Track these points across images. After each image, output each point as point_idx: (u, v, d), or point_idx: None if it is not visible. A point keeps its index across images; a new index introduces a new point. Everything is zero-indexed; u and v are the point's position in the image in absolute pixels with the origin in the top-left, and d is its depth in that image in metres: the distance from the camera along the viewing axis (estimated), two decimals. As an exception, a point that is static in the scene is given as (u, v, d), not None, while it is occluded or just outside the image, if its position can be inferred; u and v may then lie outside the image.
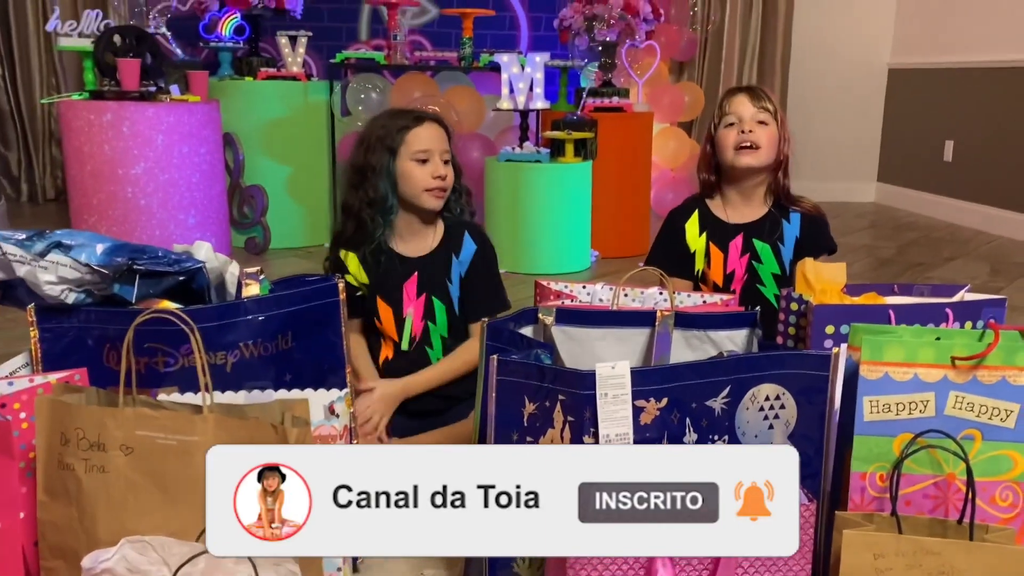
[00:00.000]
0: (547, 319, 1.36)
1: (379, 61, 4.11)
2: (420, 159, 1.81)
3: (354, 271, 1.89)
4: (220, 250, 4.23)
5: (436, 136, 1.84)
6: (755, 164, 1.91)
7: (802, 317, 1.44)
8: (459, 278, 1.91)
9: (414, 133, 1.82)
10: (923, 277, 3.74)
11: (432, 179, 1.82)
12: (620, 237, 4.11)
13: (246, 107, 4.06)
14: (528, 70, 3.73)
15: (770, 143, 1.91)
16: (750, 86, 1.98)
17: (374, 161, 1.82)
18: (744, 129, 1.89)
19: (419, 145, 1.82)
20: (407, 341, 1.90)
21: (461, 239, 1.92)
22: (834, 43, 5.92)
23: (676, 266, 1.99)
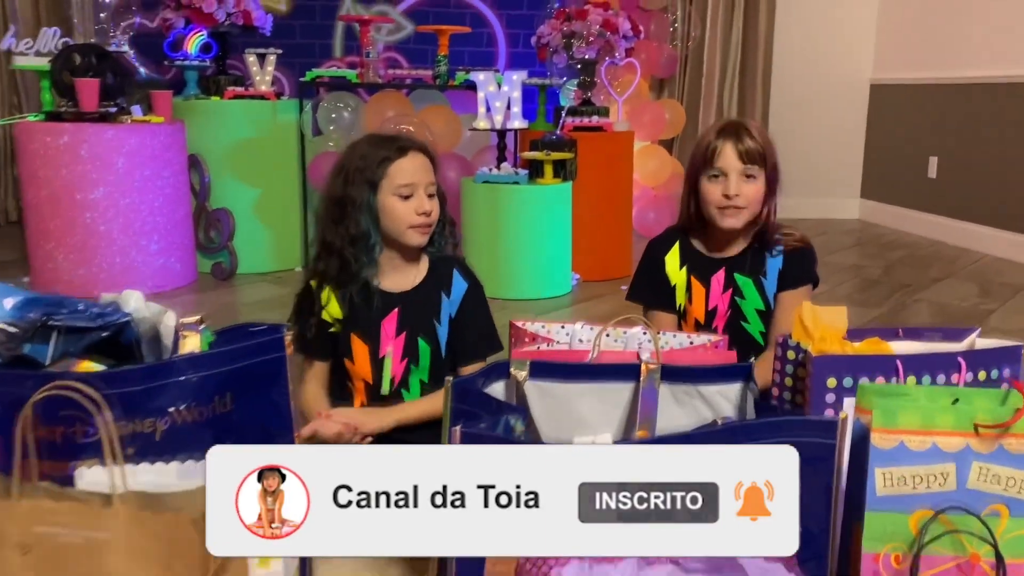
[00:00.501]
0: (520, 374, 1.22)
1: (351, 79, 3.97)
2: (403, 194, 1.67)
3: (327, 301, 1.74)
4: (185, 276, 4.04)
5: (421, 168, 1.70)
6: (738, 226, 1.80)
7: (800, 367, 1.31)
8: (448, 318, 1.78)
9: (397, 166, 1.68)
10: (912, 299, 3.64)
11: (416, 215, 1.68)
12: (602, 260, 3.99)
13: (213, 127, 3.91)
14: (505, 88, 3.61)
15: (756, 200, 1.79)
16: (737, 127, 1.79)
17: (354, 195, 1.68)
18: (729, 191, 1.77)
19: (402, 179, 1.68)
20: (386, 384, 1.75)
21: (450, 276, 1.79)
22: (815, 59, 5.85)
23: (659, 299, 1.87)
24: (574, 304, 3.59)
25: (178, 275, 3.75)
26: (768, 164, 1.79)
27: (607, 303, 3.59)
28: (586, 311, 3.48)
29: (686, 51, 5.55)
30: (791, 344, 1.32)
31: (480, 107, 3.64)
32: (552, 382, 1.25)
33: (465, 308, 1.79)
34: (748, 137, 1.78)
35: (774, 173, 1.80)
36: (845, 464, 1.07)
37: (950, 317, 3.36)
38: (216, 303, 3.56)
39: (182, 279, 3.77)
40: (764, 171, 1.79)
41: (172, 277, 3.71)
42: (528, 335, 1.63)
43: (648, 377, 1.21)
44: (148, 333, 1.25)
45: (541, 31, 4.01)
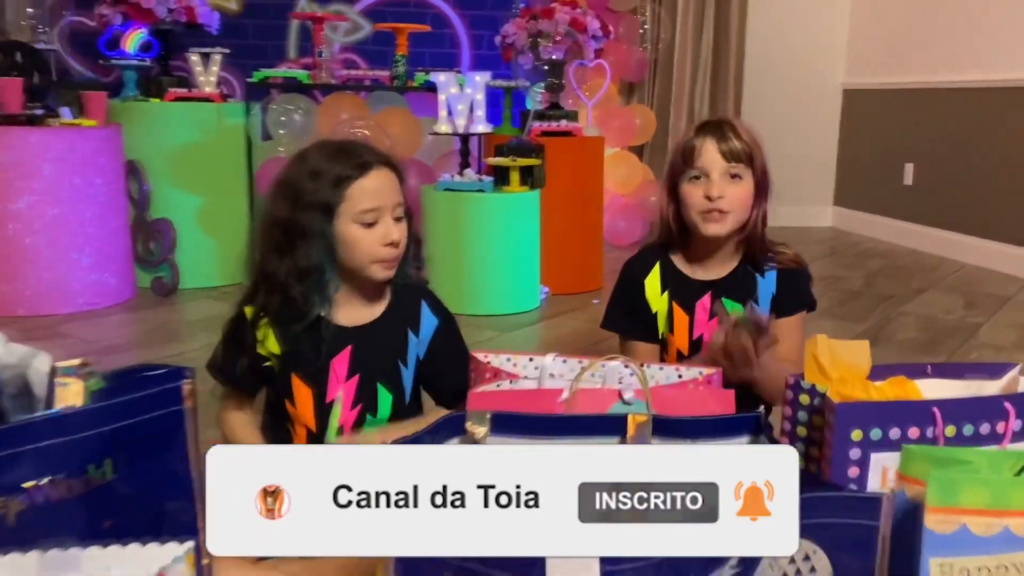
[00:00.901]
0: (478, 430, 0.98)
1: (303, 80, 3.72)
2: (366, 221, 1.37)
3: (264, 337, 1.44)
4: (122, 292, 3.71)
5: (386, 187, 1.39)
6: (722, 233, 1.58)
7: (816, 414, 1.10)
8: (416, 360, 1.51)
9: (358, 187, 1.36)
10: (896, 312, 3.47)
11: (382, 247, 1.38)
12: (572, 271, 3.77)
13: (153, 131, 3.63)
14: (468, 90, 3.38)
15: (742, 204, 1.57)
16: (720, 123, 1.57)
17: (304, 221, 1.36)
18: (712, 193, 1.54)
19: (365, 203, 1.36)
20: (332, 433, 1.46)
21: (418, 311, 1.51)
22: (787, 63, 5.70)
23: (638, 328, 1.65)
24: (543, 320, 3.36)
25: (114, 291, 3.45)
26: (756, 166, 1.57)
27: (578, 319, 3.37)
28: (556, 328, 3.26)
29: (656, 54, 5.36)
30: (804, 387, 1.10)
31: (441, 110, 3.40)
32: (519, 439, 1.01)
33: (437, 348, 1.53)
34: (732, 134, 1.56)
35: (763, 177, 1.59)
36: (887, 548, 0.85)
37: (938, 332, 3.19)
38: (156, 321, 3.28)
39: (118, 296, 3.48)
40: (751, 172, 1.57)
41: (107, 294, 3.42)
42: (489, 370, 1.40)
43: (637, 433, 0.99)
44: (13, 383, 0.99)
45: (506, 30, 3.79)
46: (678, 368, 1.37)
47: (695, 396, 1.28)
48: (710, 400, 1.28)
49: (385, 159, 1.41)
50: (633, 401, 1.30)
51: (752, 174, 1.57)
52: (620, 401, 1.31)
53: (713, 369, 1.36)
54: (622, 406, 1.30)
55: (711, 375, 1.35)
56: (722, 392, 1.31)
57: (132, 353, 2.90)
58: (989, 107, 4.48)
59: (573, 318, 3.38)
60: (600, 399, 1.31)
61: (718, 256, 1.63)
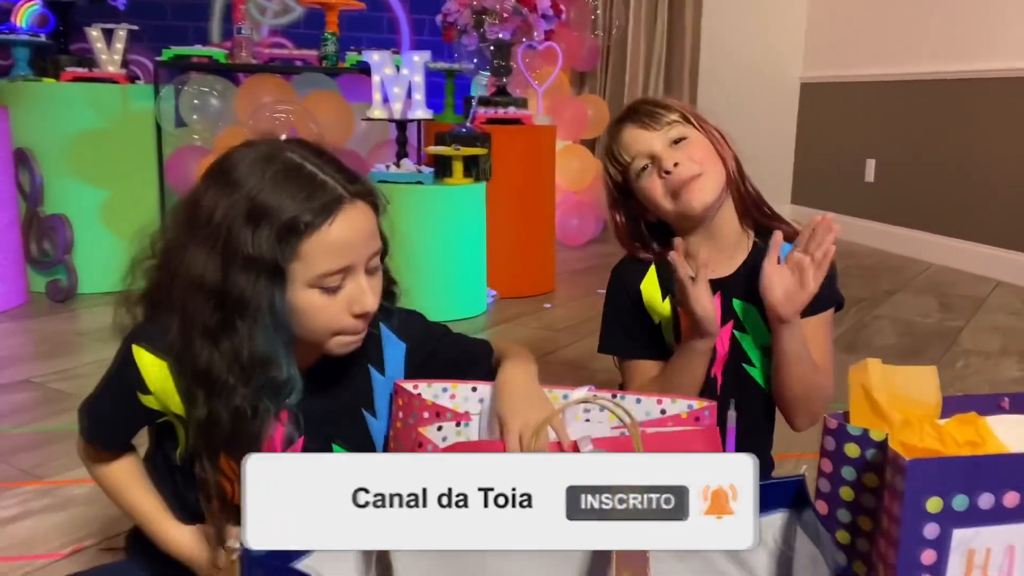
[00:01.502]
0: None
1: (220, 60, 3.32)
2: (329, 286, 0.95)
3: (160, 391, 0.99)
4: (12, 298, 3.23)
5: (360, 235, 0.96)
6: (711, 199, 1.26)
7: (869, 471, 0.78)
8: (389, 401, 1.12)
9: (320, 241, 0.92)
10: (870, 316, 3.22)
11: (349, 317, 0.97)
12: (522, 273, 3.44)
13: (47, 116, 3.20)
14: (405, 71, 3.03)
15: (708, 158, 1.25)
16: (633, 106, 1.29)
17: (247, 293, 0.91)
18: (666, 165, 1.23)
19: (330, 263, 0.93)
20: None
21: (378, 340, 1.12)
22: (743, 54, 5.46)
23: (642, 344, 1.33)
24: (490, 327, 3.03)
25: (1, 297, 3.02)
26: (693, 120, 1.26)
27: (529, 325, 3.04)
28: (505, 336, 2.92)
29: (608, 42, 5.07)
30: (853, 433, 0.78)
31: (375, 93, 3.05)
32: (450, 522, 0.68)
33: (426, 363, 1.15)
34: (649, 105, 1.27)
35: (710, 128, 1.27)
36: None
37: (918, 337, 2.95)
38: (50, 331, 2.86)
39: (7, 302, 3.05)
40: (694, 129, 1.26)
41: (-8, 300, 2.99)
42: (427, 407, 1.05)
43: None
44: None
45: (447, 8, 3.44)
46: (660, 400, 1.04)
47: (680, 442, 0.96)
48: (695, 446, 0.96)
49: (361, 188, 0.97)
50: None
51: (696, 129, 1.26)
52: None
53: (705, 402, 1.04)
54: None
55: (700, 410, 1.03)
56: (706, 432, 0.99)
57: (15, 368, 2.49)
58: (953, 100, 4.29)
59: (523, 324, 3.05)
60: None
61: (718, 237, 1.31)
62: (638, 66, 5.18)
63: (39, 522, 1.57)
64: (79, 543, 1.49)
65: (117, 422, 1.08)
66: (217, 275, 0.91)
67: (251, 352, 0.92)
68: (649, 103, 1.28)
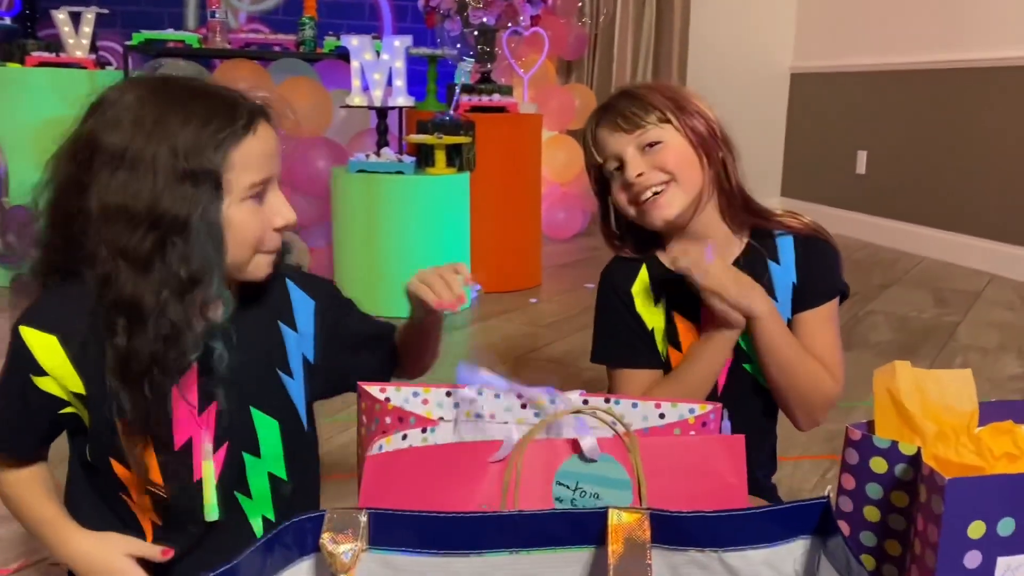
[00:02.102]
0: (338, 548, 0.54)
1: (193, 44, 3.19)
2: (255, 194, 0.93)
3: (54, 368, 0.92)
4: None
5: (275, 142, 0.96)
6: (674, 214, 1.17)
7: (899, 489, 0.68)
8: (304, 362, 1.06)
9: (248, 149, 0.91)
10: (864, 311, 3.14)
11: (272, 231, 0.95)
12: (507, 266, 3.33)
13: (11, 102, 3.08)
14: (386, 57, 2.92)
15: (680, 163, 1.15)
16: (607, 103, 1.21)
17: (184, 208, 0.88)
18: (628, 175, 1.15)
19: (256, 173, 0.92)
20: (210, 496, 0.96)
21: (286, 297, 1.06)
22: (732, 44, 5.37)
23: (633, 352, 1.22)
24: (474, 323, 2.92)
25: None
26: (676, 119, 1.16)
27: (514, 321, 2.94)
28: (489, 332, 2.82)
29: (596, 30, 4.96)
30: (879, 445, 0.69)
31: (355, 79, 2.93)
32: (416, 555, 0.57)
33: (332, 331, 1.08)
34: (624, 102, 1.18)
35: (698, 124, 1.17)
36: None
37: (914, 332, 2.86)
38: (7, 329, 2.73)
39: (-32, 296, 2.92)
40: (672, 128, 1.16)
41: (-49, 294, 2.86)
42: (388, 410, 0.95)
43: (627, 544, 0.55)
44: None
45: (430, -9, 3.33)
46: (658, 405, 0.94)
47: (690, 450, 0.86)
48: (714, 455, 0.86)
49: (264, 109, 0.95)
50: (597, 456, 0.88)
51: (676, 129, 1.16)
52: (577, 457, 0.88)
53: (709, 405, 0.93)
54: (583, 467, 0.87)
55: (706, 414, 0.93)
56: (728, 439, 0.89)
57: (-27, 367, 2.36)
58: (947, 90, 4.21)
59: (508, 320, 2.95)
60: (546, 455, 0.88)
61: (701, 237, 1.21)
62: (626, 55, 5.08)
63: (-16, 535, 1.46)
64: (25, 558, 1.38)
65: (17, 419, 0.97)
66: (146, 198, 0.88)
67: (188, 270, 0.89)
68: (629, 97, 1.18)
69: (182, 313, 0.89)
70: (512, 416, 0.98)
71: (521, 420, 0.97)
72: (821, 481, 1.75)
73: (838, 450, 2.00)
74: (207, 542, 1.00)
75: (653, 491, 0.79)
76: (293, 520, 0.58)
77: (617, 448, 0.87)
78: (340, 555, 0.55)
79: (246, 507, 1.02)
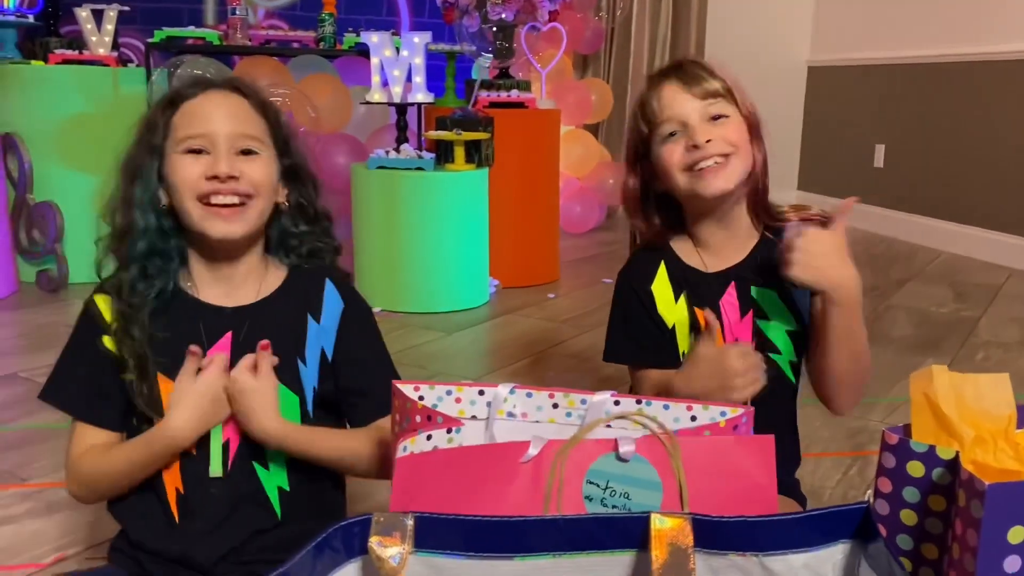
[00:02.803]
0: (386, 552, 0.55)
1: (213, 41, 3.21)
2: (191, 148, 1.03)
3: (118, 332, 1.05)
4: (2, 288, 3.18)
5: (224, 112, 1.05)
6: (731, 186, 1.16)
7: (936, 493, 0.69)
8: (320, 356, 1.11)
9: (185, 109, 1.05)
10: (883, 306, 3.13)
11: (204, 180, 1.03)
12: (525, 262, 3.35)
13: (35, 100, 3.11)
14: (405, 53, 2.93)
15: (741, 142, 1.16)
16: (681, 63, 1.21)
17: (137, 158, 1.07)
18: (697, 139, 1.14)
19: (189, 128, 1.04)
20: (216, 457, 1.04)
21: (320, 291, 1.13)
22: (749, 37, 5.34)
23: (653, 352, 1.22)
24: (493, 318, 2.94)
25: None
26: (739, 102, 1.17)
27: (533, 316, 2.95)
28: (508, 327, 2.83)
29: (612, 24, 4.96)
30: (916, 450, 0.70)
31: (374, 76, 2.95)
32: (461, 558, 0.59)
33: (347, 340, 1.12)
34: (700, 70, 1.17)
35: (751, 115, 1.18)
36: None
37: (935, 327, 2.86)
38: (40, 322, 2.78)
39: (-5, 292, 2.97)
40: (736, 109, 1.16)
41: (-22, 290, 2.90)
42: (419, 411, 0.96)
43: (670, 549, 0.57)
44: None
45: (448, -12, 3.33)
46: (690, 407, 0.95)
47: (720, 451, 0.87)
48: (744, 455, 0.87)
49: (231, 82, 1.10)
50: (631, 457, 0.89)
51: (738, 111, 1.17)
52: (607, 457, 0.90)
53: (740, 409, 0.95)
54: (615, 467, 0.88)
55: (738, 417, 0.94)
56: (757, 440, 0.90)
57: (2, 361, 2.41)
58: (965, 83, 4.18)
59: (527, 315, 2.96)
60: (578, 455, 0.89)
61: (731, 224, 1.22)
62: (643, 49, 5.07)
63: (20, 528, 1.49)
64: (62, 551, 1.41)
65: (92, 385, 1.06)
66: (127, 157, 1.08)
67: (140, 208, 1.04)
68: (699, 65, 1.18)
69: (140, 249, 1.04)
70: (544, 415, 0.99)
71: (552, 420, 0.99)
72: (843, 478, 1.76)
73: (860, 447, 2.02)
74: (230, 515, 1.05)
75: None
76: (341, 523, 0.60)
77: (649, 449, 0.88)
78: (388, 559, 0.57)
79: (263, 477, 1.06)
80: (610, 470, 0.91)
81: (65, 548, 1.42)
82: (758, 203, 1.22)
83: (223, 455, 1.04)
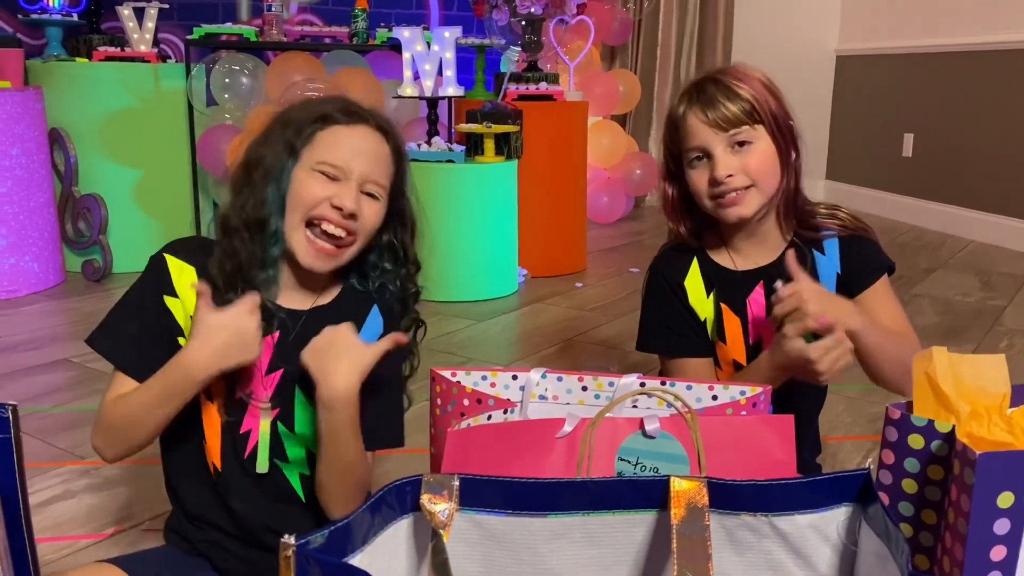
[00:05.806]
0: (436, 507, 0.63)
1: (250, 38, 3.30)
2: (325, 172, 1.08)
3: (185, 295, 1.08)
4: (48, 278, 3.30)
5: (366, 152, 1.10)
6: (749, 214, 1.23)
7: (934, 463, 0.75)
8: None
9: (332, 134, 1.09)
10: (910, 294, 3.16)
11: (327, 206, 1.07)
12: (554, 252, 3.41)
13: (80, 96, 3.21)
14: (436, 48, 3.00)
15: (763, 171, 1.21)
16: (703, 83, 1.24)
17: (268, 154, 1.10)
18: (718, 174, 1.20)
19: (332, 155, 1.08)
20: (264, 453, 1.10)
21: (365, 312, 1.17)
22: (777, 26, 5.35)
23: (686, 342, 1.29)
24: (521, 307, 3.01)
25: (37, 277, 3.05)
26: (766, 118, 1.22)
27: (560, 305, 3.02)
28: (536, 316, 2.90)
29: (640, 15, 4.98)
30: (917, 424, 0.76)
31: (406, 70, 3.02)
32: (501, 515, 0.66)
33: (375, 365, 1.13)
34: (721, 95, 1.21)
35: (782, 126, 1.23)
36: None
37: (960, 316, 2.88)
38: (86, 310, 2.89)
39: (43, 281, 3.08)
40: (764, 126, 1.22)
41: (29, 280, 3.02)
42: (468, 394, 1.04)
43: (688, 508, 0.63)
44: None
45: (478, -17, 3.40)
46: (711, 387, 1.02)
47: (744, 428, 0.94)
48: (766, 433, 0.93)
49: (383, 123, 1.13)
50: (657, 434, 0.96)
51: (766, 128, 1.22)
52: (640, 433, 0.97)
53: (759, 388, 1.01)
54: (643, 444, 0.95)
55: (756, 396, 1.00)
56: (778, 419, 0.96)
57: (52, 347, 2.52)
58: (994, 72, 4.17)
59: (555, 304, 3.03)
60: (609, 433, 0.96)
61: (760, 235, 1.28)
62: (670, 40, 5.09)
63: (79, 503, 1.58)
64: (119, 524, 1.50)
65: (142, 338, 1.08)
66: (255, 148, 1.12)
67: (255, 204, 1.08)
68: (726, 91, 1.21)
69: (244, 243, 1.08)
70: (573, 398, 1.07)
71: (582, 401, 1.07)
72: (863, 461, 1.81)
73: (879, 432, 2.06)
74: (257, 489, 1.11)
75: (709, 465, 0.86)
76: (395, 483, 0.67)
77: (674, 426, 0.95)
78: (438, 513, 0.64)
79: (284, 468, 1.12)
80: (639, 447, 0.98)
81: (122, 522, 1.51)
82: (790, 212, 1.28)
83: (247, 445, 1.09)
